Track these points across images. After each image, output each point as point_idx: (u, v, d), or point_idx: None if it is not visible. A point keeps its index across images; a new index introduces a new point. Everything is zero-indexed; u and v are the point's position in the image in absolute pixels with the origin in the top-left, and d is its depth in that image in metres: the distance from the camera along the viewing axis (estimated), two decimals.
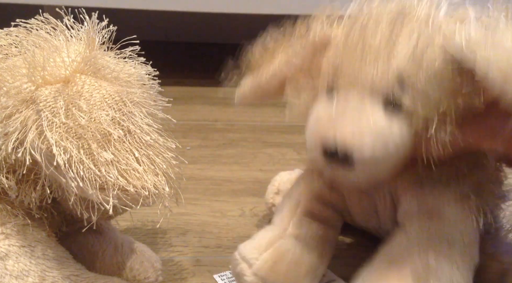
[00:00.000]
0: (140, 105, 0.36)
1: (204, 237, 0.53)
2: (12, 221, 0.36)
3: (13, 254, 0.35)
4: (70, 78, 0.34)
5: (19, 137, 0.32)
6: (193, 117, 0.83)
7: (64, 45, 0.36)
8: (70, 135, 0.32)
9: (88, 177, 0.31)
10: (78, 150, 0.31)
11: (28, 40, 0.36)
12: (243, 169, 0.68)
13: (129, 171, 0.32)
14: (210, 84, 1.00)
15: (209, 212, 0.58)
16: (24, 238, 0.36)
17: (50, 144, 0.31)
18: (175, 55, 1.19)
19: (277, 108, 0.91)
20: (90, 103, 0.33)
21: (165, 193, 0.34)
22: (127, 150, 0.33)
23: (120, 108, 0.34)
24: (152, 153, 0.34)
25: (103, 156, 0.32)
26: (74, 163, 0.31)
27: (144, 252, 0.44)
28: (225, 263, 0.48)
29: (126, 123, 0.34)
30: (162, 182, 0.34)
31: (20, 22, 0.37)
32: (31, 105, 0.33)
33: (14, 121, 0.32)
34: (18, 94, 0.33)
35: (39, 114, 0.32)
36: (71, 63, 0.34)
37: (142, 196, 0.32)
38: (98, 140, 0.32)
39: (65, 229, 0.40)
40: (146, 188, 0.32)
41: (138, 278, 0.42)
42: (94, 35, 0.35)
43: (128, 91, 0.35)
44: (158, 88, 0.39)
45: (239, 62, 0.44)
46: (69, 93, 0.33)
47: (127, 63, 0.38)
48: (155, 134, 0.35)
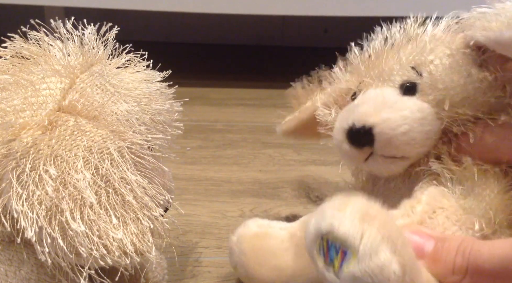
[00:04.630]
0: (131, 152, 0.32)
1: (204, 237, 0.53)
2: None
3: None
4: (52, 121, 0.31)
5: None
6: (193, 118, 0.83)
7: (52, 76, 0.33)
8: (39, 204, 0.29)
9: (60, 252, 0.29)
10: (49, 222, 0.29)
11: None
12: (243, 170, 0.68)
13: (106, 239, 0.30)
14: (210, 85, 1.01)
15: (209, 212, 0.58)
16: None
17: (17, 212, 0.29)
18: (175, 56, 1.19)
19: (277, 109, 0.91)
20: (66, 160, 0.30)
21: (152, 257, 0.31)
22: (104, 215, 0.30)
23: (103, 159, 0.31)
24: (134, 214, 0.31)
25: (74, 228, 0.29)
26: (44, 236, 0.29)
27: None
28: (225, 264, 0.48)
29: (105, 184, 0.31)
30: (149, 244, 0.31)
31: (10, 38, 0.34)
32: (4, 160, 0.30)
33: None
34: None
35: (8, 177, 0.29)
36: (53, 100, 0.32)
37: (122, 265, 0.30)
38: (71, 210, 0.29)
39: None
40: (128, 256, 0.30)
41: (145, 277, 0.42)
42: (88, 58, 0.33)
43: (117, 133, 0.32)
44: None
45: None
46: (43, 150, 0.30)
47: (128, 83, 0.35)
48: (141, 189, 0.32)
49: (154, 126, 0.35)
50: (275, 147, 0.75)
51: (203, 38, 1.29)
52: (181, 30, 1.29)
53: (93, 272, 0.30)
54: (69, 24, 0.35)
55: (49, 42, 0.34)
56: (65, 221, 0.29)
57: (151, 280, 0.42)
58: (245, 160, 0.71)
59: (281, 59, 1.22)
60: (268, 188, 0.63)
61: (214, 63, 1.18)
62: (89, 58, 0.34)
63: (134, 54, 0.37)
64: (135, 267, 0.31)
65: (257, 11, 0.88)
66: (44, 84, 0.32)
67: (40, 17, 0.33)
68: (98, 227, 0.30)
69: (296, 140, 0.43)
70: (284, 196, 0.61)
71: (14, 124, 0.30)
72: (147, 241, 0.31)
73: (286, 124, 0.51)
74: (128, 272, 0.31)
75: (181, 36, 1.29)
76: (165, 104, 0.37)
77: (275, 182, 0.65)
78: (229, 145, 0.75)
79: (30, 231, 0.28)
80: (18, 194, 0.29)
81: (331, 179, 0.66)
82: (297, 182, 0.65)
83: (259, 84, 1.01)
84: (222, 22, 1.25)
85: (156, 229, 0.33)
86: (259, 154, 0.73)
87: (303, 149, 0.74)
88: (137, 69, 0.38)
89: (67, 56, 0.34)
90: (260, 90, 0.99)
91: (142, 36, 1.24)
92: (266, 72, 1.12)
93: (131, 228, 0.31)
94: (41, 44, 0.34)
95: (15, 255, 0.34)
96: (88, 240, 0.29)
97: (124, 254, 0.30)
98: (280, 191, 0.63)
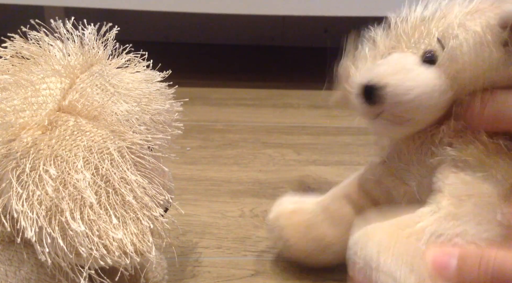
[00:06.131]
0: (131, 152, 0.32)
1: (204, 237, 0.53)
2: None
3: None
4: (52, 121, 0.31)
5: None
6: (193, 118, 0.83)
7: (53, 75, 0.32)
8: (39, 204, 0.29)
9: (60, 252, 0.29)
10: (49, 222, 0.29)
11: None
12: (243, 170, 0.68)
13: (106, 239, 0.30)
14: (210, 85, 1.01)
15: (209, 212, 0.58)
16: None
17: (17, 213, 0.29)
18: (175, 56, 1.19)
19: (277, 109, 0.91)
20: (66, 160, 0.30)
21: (152, 257, 0.31)
22: (104, 215, 0.30)
23: (103, 159, 0.31)
24: (134, 214, 0.31)
25: (74, 228, 0.29)
26: (44, 236, 0.28)
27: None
28: (226, 264, 0.49)
29: (105, 184, 0.30)
30: (149, 244, 0.31)
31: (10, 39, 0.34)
32: (4, 160, 0.30)
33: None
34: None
35: (8, 177, 0.29)
36: (53, 100, 0.31)
37: (122, 265, 0.30)
38: (70, 210, 0.29)
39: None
40: (128, 256, 0.30)
41: (145, 277, 0.42)
42: (87, 59, 0.33)
43: (117, 133, 0.32)
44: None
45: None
46: (43, 150, 0.30)
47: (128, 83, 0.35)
48: (141, 189, 0.32)
49: (154, 126, 0.35)
50: (275, 147, 0.75)
51: (203, 38, 1.29)
52: (181, 30, 1.28)
53: (93, 272, 0.30)
54: (69, 24, 0.34)
55: (49, 42, 0.34)
56: (65, 221, 0.29)
57: (151, 280, 0.42)
58: (245, 160, 0.71)
59: (281, 59, 1.22)
60: (268, 188, 0.63)
61: (214, 63, 1.18)
62: (89, 58, 0.34)
63: (134, 54, 0.37)
64: (135, 267, 0.31)
65: (257, 11, 0.88)
66: (44, 84, 0.32)
67: (40, 17, 0.33)
68: (98, 227, 0.30)
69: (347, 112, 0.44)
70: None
71: (14, 124, 0.30)
72: (147, 241, 0.31)
73: (337, 94, 0.52)
74: (128, 272, 0.31)
75: (181, 36, 1.29)
76: (165, 104, 0.37)
77: (275, 182, 0.65)
78: (229, 145, 0.75)
79: (30, 231, 0.28)
80: (18, 194, 0.29)
81: (331, 179, 0.66)
82: (297, 182, 0.65)
83: (259, 84, 1.01)
84: (222, 22, 1.25)
85: (156, 229, 0.32)
86: (259, 154, 0.73)
87: (303, 149, 0.74)
88: (137, 69, 0.37)
89: (67, 56, 0.34)
90: (260, 90, 0.99)
91: (142, 36, 1.24)
92: (266, 72, 1.12)
93: (131, 228, 0.31)
94: (41, 44, 0.34)
95: (15, 255, 0.34)
96: (88, 240, 0.29)
97: (124, 254, 0.30)
98: (280, 191, 0.63)
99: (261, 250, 0.51)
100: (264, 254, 0.51)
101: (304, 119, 0.86)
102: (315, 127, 0.82)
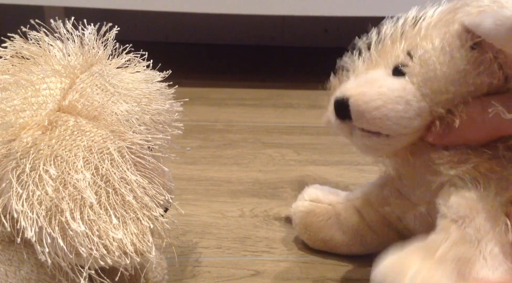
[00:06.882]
0: (131, 152, 0.32)
1: (204, 237, 0.53)
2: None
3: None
4: (52, 121, 0.31)
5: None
6: (193, 118, 0.83)
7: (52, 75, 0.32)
8: (39, 204, 0.29)
9: (60, 252, 0.29)
10: (49, 222, 0.29)
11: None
12: (243, 170, 0.68)
13: (106, 239, 0.30)
14: (210, 85, 1.01)
15: (209, 212, 0.58)
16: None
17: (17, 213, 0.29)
18: (175, 56, 1.19)
19: (277, 109, 0.91)
20: (66, 160, 0.30)
21: (152, 257, 0.31)
22: (104, 215, 0.30)
23: (103, 159, 0.31)
24: (134, 215, 0.31)
25: (74, 228, 0.29)
26: (44, 236, 0.28)
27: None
28: (226, 264, 0.49)
29: (105, 184, 0.30)
30: (149, 244, 0.31)
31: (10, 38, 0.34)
32: (4, 160, 0.30)
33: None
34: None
35: (8, 177, 0.29)
36: (53, 100, 0.32)
37: (122, 265, 0.30)
38: (71, 210, 0.29)
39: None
40: (128, 256, 0.30)
41: (145, 277, 0.42)
42: (88, 59, 0.33)
43: (117, 133, 0.32)
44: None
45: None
46: (43, 150, 0.30)
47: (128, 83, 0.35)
48: (141, 189, 0.32)
49: (154, 126, 0.35)
50: (275, 147, 0.75)
51: (203, 38, 1.29)
52: (181, 30, 1.29)
53: (93, 272, 0.30)
54: (69, 24, 0.34)
55: (49, 42, 0.34)
56: (65, 221, 0.29)
57: (151, 280, 0.42)
58: (245, 160, 0.71)
59: (281, 59, 1.23)
60: (268, 188, 0.63)
61: (214, 63, 1.19)
62: (89, 58, 0.34)
63: (134, 54, 0.37)
64: (135, 267, 0.31)
65: (257, 11, 0.88)
66: (44, 84, 0.32)
67: (40, 17, 0.33)
68: (98, 227, 0.30)
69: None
70: (284, 196, 0.61)
71: (14, 124, 0.30)
72: (147, 241, 0.31)
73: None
74: (128, 272, 0.31)
75: (181, 36, 1.29)
76: (165, 104, 0.37)
77: (275, 182, 0.65)
78: (229, 144, 0.75)
79: (30, 231, 0.28)
80: (18, 194, 0.29)
81: (331, 179, 0.66)
82: (297, 182, 0.65)
83: (259, 84, 1.01)
84: (222, 22, 1.25)
85: (156, 229, 0.32)
86: (259, 154, 0.73)
87: (303, 149, 0.74)
88: (137, 69, 0.37)
89: (67, 56, 0.34)
90: (260, 90, 0.99)
91: (142, 36, 1.24)
92: (266, 72, 1.12)
93: (131, 228, 0.31)
94: (41, 44, 0.34)
95: (15, 255, 0.34)
96: (88, 240, 0.29)
97: (124, 254, 0.30)
98: (280, 191, 0.63)
99: (261, 250, 0.51)
100: (264, 254, 0.51)
101: (304, 119, 0.86)
102: (315, 127, 0.82)
